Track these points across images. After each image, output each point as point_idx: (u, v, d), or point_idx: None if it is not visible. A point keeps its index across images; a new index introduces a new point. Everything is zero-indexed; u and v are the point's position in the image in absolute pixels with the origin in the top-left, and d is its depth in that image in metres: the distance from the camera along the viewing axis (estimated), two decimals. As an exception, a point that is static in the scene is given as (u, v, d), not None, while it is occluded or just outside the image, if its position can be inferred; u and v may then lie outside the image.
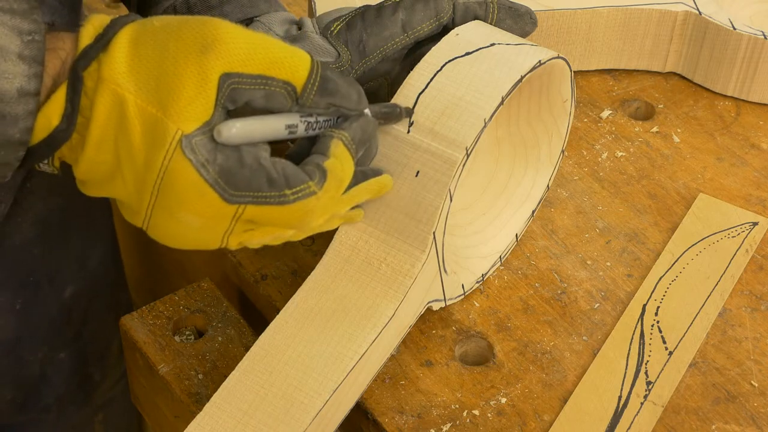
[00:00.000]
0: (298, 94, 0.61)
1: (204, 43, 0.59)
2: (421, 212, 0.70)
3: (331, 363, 0.67)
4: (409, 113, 0.70)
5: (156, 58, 0.59)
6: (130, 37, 0.60)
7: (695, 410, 0.71)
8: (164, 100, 0.59)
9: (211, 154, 0.59)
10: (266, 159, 0.61)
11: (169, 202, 0.60)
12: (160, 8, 0.79)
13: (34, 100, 0.58)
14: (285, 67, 0.60)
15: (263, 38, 0.61)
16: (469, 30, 0.74)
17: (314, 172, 0.62)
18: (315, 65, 0.62)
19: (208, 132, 0.59)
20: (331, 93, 0.62)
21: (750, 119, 0.94)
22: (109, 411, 1.13)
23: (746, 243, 0.82)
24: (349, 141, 0.64)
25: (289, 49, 0.61)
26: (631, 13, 0.94)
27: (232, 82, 0.59)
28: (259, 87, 0.60)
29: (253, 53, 0.60)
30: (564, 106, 0.80)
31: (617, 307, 0.78)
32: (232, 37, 0.60)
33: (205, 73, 0.59)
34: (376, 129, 0.67)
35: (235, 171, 0.60)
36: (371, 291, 0.70)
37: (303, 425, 0.65)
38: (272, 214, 0.62)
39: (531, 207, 0.82)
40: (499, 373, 0.74)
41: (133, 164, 0.60)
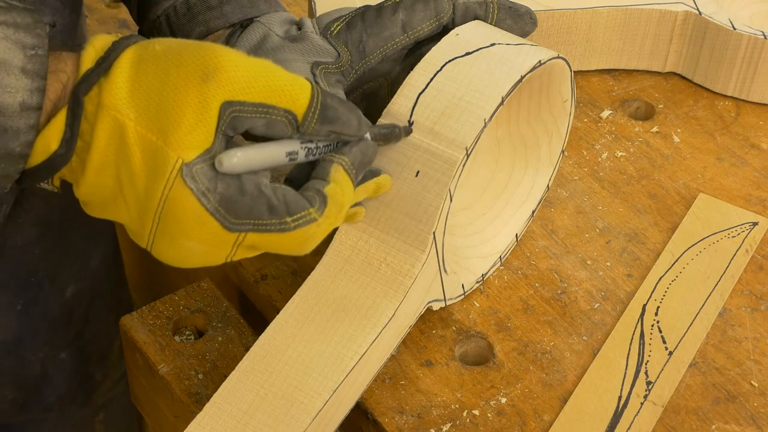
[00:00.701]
0: (299, 122, 0.61)
1: (205, 70, 0.59)
2: (421, 212, 0.70)
3: (331, 363, 0.67)
4: (408, 132, 0.70)
5: (157, 85, 0.59)
6: (132, 62, 0.60)
7: (695, 410, 0.71)
8: (165, 128, 0.59)
9: (211, 182, 0.59)
10: (267, 186, 0.61)
11: (171, 230, 0.60)
12: (159, 8, 0.79)
13: (35, 114, 0.58)
14: (286, 96, 0.60)
15: (264, 66, 0.61)
16: (469, 30, 0.74)
17: (314, 198, 0.62)
18: (315, 93, 0.61)
19: (208, 160, 0.59)
20: (331, 120, 0.62)
21: (750, 119, 0.94)
22: (110, 411, 1.13)
23: (746, 243, 0.82)
24: (349, 166, 0.64)
25: (290, 77, 0.61)
26: (631, 13, 0.94)
27: (233, 110, 0.59)
28: (260, 115, 0.60)
29: (254, 81, 0.60)
30: (564, 106, 0.80)
31: (617, 307, 0.78)
32: (234, 65, 0.60)
33: (206, 102, 0.59)
34: (376, 152, 0.67)
35: (236, 199, 0.59)
36: (371, 291, 0.70)
37: (303, 425, 0.65)
38: (273, 241, 0.62)
39: (531, 207, 0.82)
40: (499, 373, 0.74)
41: (135, 190, 0.60)
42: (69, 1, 0.84)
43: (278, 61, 0.74)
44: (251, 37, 0.76)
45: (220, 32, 0.78)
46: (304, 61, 0.73)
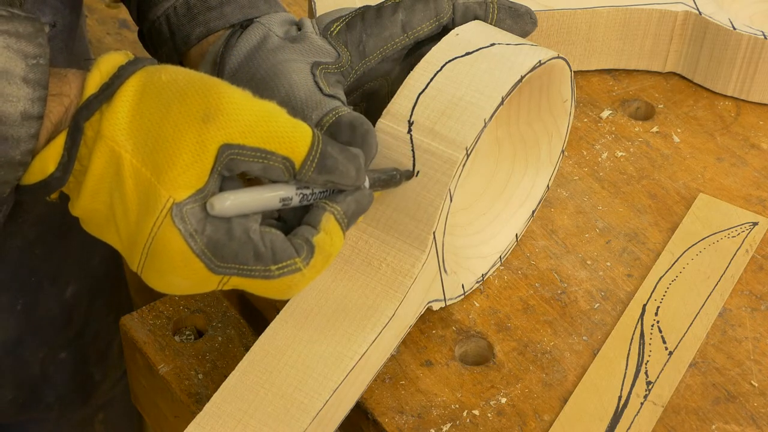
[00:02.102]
0: (296, 169, 0.60)
1: (207, 110, 0.59)
2: (421, 212, 0.70)
3: (331, 363, 0.67)
4: (408, 176, 0.69)
5: (158, 119, 0.59)
6: (135, 91, 0.60)
7: (695, 410, 0.72)
8: (159, 165, 0.58)
9: (200, 224, 0.59)
10: (255, 231, 0.60)
11: (158, 265, 0.60)
12: (159, 9, 0.79)
13: (36, 123, 0.58)
14: (286, 143, 0.60)
15: (267, 109, 0.60)
16: (469, 30, 0.74)
17: (302, 247, 0.62)
18: (316, 141, 0.61)
19: (200, 200, 0.59)
20: (329, 170, 0.62)
21: (750, 119, 0.94)
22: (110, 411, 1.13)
23: (746, 243, 0.82)
24: (342, 215, 0.63)
25: (292, 123, 0.61)
26: (631, 13, 0.94)
27: (231, 153, 0.59)
28: (258, 160, 0.59)
29: (255, 126, 0.59)
30: (564, 106, 0.80)
31: (617, 307, 0.78)
32: (236, 108, 0.59)
33: (204, 143, 0.58)
34: (372, 201, 0.66)
35: (223, 243, 0.59)
36: (371, 291, 0.70)
37: (303, 425, 0.65)
38: (256, 286, 0.62)
39: (531, 207, 0.82)
40: (499, 373, 0.74)
41: (126, 221, 0.60)
42: (69, 1, 0.84)
43: (278, 61, 0.74)
44: (251, 38, 0.76)
45: (220, 33, 0.78)
46: (304, 62, 0.73)
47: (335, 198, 0.63)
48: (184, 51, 0.79)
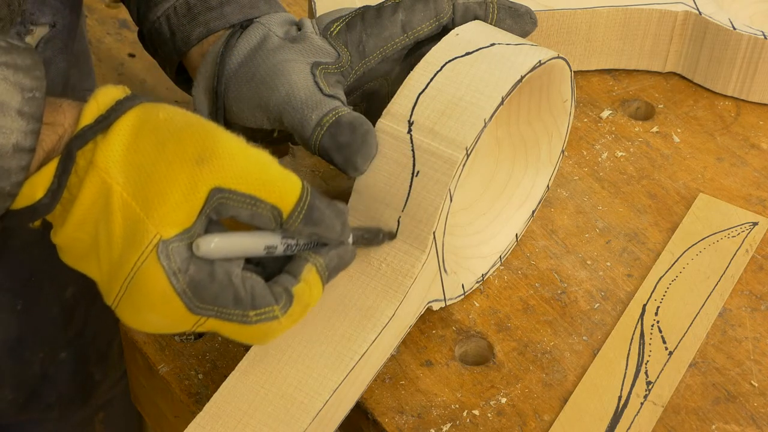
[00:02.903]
0: (283, 218, 0.61)
1: (202, 153, 0.59)
2: (421, 212, 0.70)
3: (331, 363, 0.67)
4: (392, 236, 0.70)
5: (152, 156, 0.59)
6: (132, 126, 0.60)
7: (695, 410, 0.72)
8: (150, 201, 0.59)
9: (184, 263, 0.59)
10: (237, 276, 0.61)
11: (136, 299, 0.60)
12: (159, 9, 0.79)
13: (28, 156, 0.58)
14: (275, 192, 0.60)
15: (260, 158, 0.61)
16: (469, 30, 0.74)
17: (281, 295, 0.62)
18: (305, 193, 0.62)
19: (186, 239, 0.59)
20: (315, 223, 0.62)
21: (750, 119, 0.94)
22: (110, 411, 1.13)
23: (746, 243, 0.82)
24: (323, 268, 0.64)
25: (283, 173, 0.61)
26: (631, 13, 0.94)
27: (221, 197, 0.59)
28: (247, 206, 0.60)
29: (247, 173, 0.60)
30: (564, 106, 0.80)
31: (617, 307, 0.78)
32: (230, 154, 0.60)
33: (196, 185, 0.59)
34: (354, 256, 0.66)
35: (205, 284, 0.59)
36: (371, 291, 0.70)
37: (303, 425, 0.65)
38: (232, 330, 0.62)
39: (531, 207, 0.82)
40: (499, 373, 0.74)
41: (110, 253, 0.60)
42: (69, 2, 0.84)
43: (278, 61, 0.74)
44: (251, 38, 0.76)
45: (220, 33, 0.78)
46: (304, 62, 0.73)
47: (318, 250, 0.64)
48: (184, 51, 0.79)
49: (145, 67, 0.98)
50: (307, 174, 0.88)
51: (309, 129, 0.71)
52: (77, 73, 0.90)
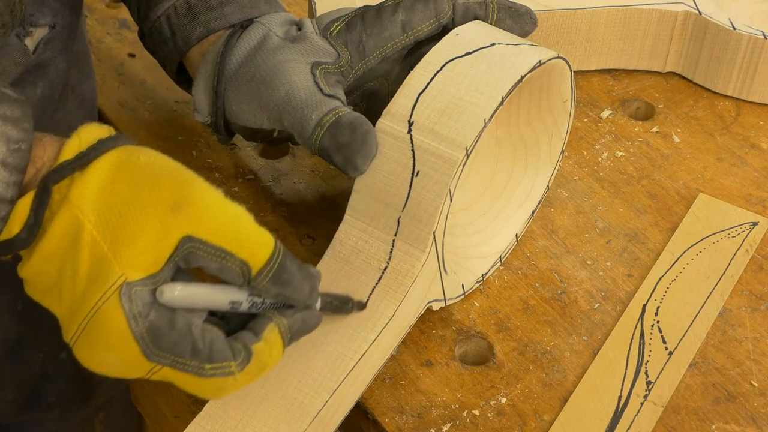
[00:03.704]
0: (252, 275, 0.60)
1: (178, 201, 0.59)
2: (421, 212, 0.70)
3: (331, 363, 0.67)
4: (361, 307, 0.69)
5: (127, 197, 0.59)
6: (111, 166, 0.59)
7: (695, 410, 0.72)
8: (119, 242, 0.58)
9: (146, 308, 0.58)
10: (198, 327, 0.60)
11: (94, 339, 0.60)
12: (160, 8, 0.79)
13: (8, 206, 0.58)
14: (247, 248, 0.60)
15: (236, 212, 0.60)
16: (469, 30, 0.74)
17: (240, 352, 0.61)
18: (276, 253, 0.61)
19: (150, 284, 0.59)
20: (284, 283, 0.61)
21: (750, 119, 0.94)
22: (110, 411, 1.13)
23: (746, 243, 0.82)
24: (286, 330, 0.63)
25: (257, 230, 0.61)
26: (631, 13, 0.94)
27: (191, 246, 0.59)
28: (216, 259, 0.59)
29: (221, 225, 0.59)
30: (564, 106, 0.80)
31: (617, 307, 0.78)
32: (206, 204, 0.59)
33: (168, 231, 0.58)
34: (319, 322, 0.65)
35: (164, 332, 0.59)
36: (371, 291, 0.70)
37: (303, 425, 0.65)
38: (186, 381, 0.61)
39: (531, 207, 0.82)
40: (499, 373, 0.74)
41: (73, 290, 0.59)
42: (69, 3, 0.84)
43: (278, 61, 0.74)
44: (251, 38, 0.76)
45: (220, 32, 0.78)
46: (304, 62, 0.73)
47: (284, 311, 0.63)
48: (185, 51, 0.79)
49: (145, 67, 0.98)
50: (307, 174, 0.88)
51: (309, 129, 0.71)
52: (77, 74, 0.90)
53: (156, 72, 0.96)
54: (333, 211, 0.84)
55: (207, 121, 0.79)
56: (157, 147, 0.90)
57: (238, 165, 0.88)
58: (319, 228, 0.83)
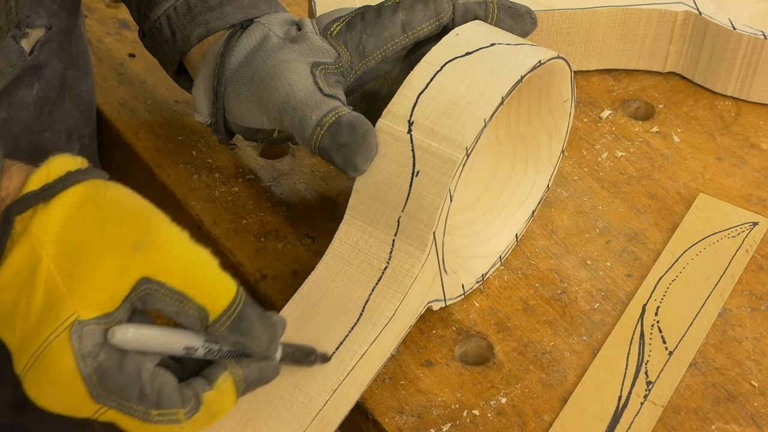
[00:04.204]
0: (209, 322, 0.59)
1: (140, 240, 0.57)
2: (421, 212, 0.70)
3: (331, 363, 0.67)
4: (325, 359, 0.67)
5: (89, 233, 0.57)
6: (76, 200, 0.58)
7: (695, 410, 0.72)
8: (75, 279, 0.57)
9: (95, 348, 0.57)
10: (148, 371, 0.58)
11: (42, 375, 0.59)
12: (160, 9, 0.79)
13: None
14: (206, 293, 0.58)
15: (199, 256, 0.59)
16: (469, 30, 0.74)
17: (190, 399, 0.59)
18: (237, 300, 0.59)
19: (103, 324, 0.57)
20: (242, 332, 0.60)
21: (750, 119, 0.94)
22: (110, 411, 1.13)
23: (746, 243, 0.82)
24: (240, 380, 0.61)
25: (220, 276, 0.59)
26: (631, 13, 0.94)
27: (149, 288, 0.57)
28: (174, 302, 0.58)
29: (181, 268, 0.58)
30: (564, 106, 0.80)
31: (617, 307, 0.78)
32: (169, 246, 0.58)
33: (126, 270, 0.57)
34: (277, 373, 0.63)
35: (112, 374, 0.57)
36: (371, 291, 0.70)
37: (303, 425, 0.65)
38: (132, 425, 0.60)
39: (531, 207, 0.82)
40: (499, 373, 0.74)
41: (25, 323, 0.58)
42: (66, 4, 0.84)
43: (278, 61, 0.74)
44: (251, 38, 0.76)
45: (220, 33, 0.78)
46: (304, 62, 0.73)
47: (240, 360, 0.61)
48: (185, 51, 0.79)
49: (145, 67, 0.97)
50: (307, 174, 0.88)
51: (309, 129, 0.71)
52: (74, 74, 0.90)
53: (156, 72, 0.96)
54: (333, 211, 0.84)
55: (207, 121, 0.79)
56: (157, 147, 0.90)
57: (238, 165, 0.88)
58: (319, 228, 0.83)
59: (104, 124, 0.94)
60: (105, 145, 0.97)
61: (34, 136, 0.87)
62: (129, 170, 0.94)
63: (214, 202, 0.85)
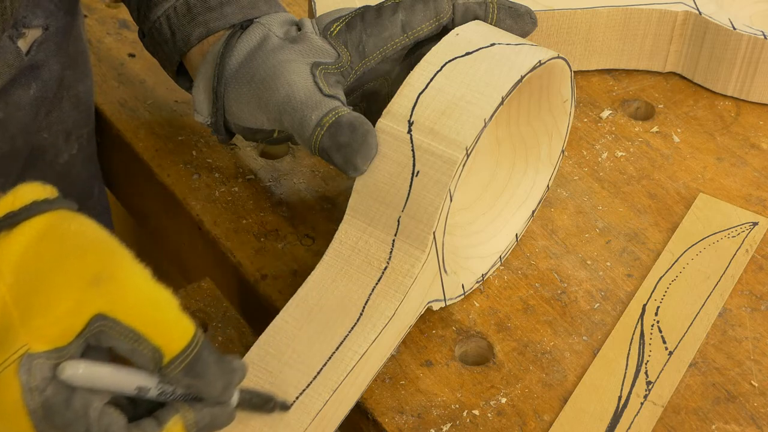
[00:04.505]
0: (163, 363, 0.57)
1: (99, 275, 0.56)
2: (421, 212, 0.70)
3: (331, 363, 0.67)
4: (285, 407, 0.65)
5: (49, 264, 0.57)
6: (39, 230, 0.57)
7: (695, 410, 0.72)
8: (30, 310, 0.56)
9: (44, 382, 0.56)
10: (96, 409, 0.57)
11: None
12: (160, 9, 0.79)
13: None
14: (162, 334, 0.57)
15: (159, 295, 0.58)
16: (469, 30, 0.74)
17: None
18: (194, 342, 0.58)
19: (54, 358, 0.56)
20: (197, 375, 0.58)
21: (750, 119, 0.94)
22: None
23: (746, 243, 0.82)
24: (191, 424, 0.59)
25: (177, 317, 0.58)
26: (631, 13, 0.94)
27: (104, 325, 0.56)
28: (128, 341, 0.57)
29: (139, 307, 0.57)
30: (564, 106, 0.80)
31: (617, 307, 0.78)
32: (128, 283, 0.57)
33: (82, 305, 0.56)
34: (232, 419, 0.62)
35: (58, 410, 0.56)
36: (371, 291, 0.70)
37: (303, 425, 0.65)
38: None
39: (531, 207, 0.82)
40: (499, 373, 0.74)
41: None
42: (64, 5, 0.84)
43: (278, 62, 0.74)
44: (251, 38, 0.76)
45: (220, 33, 0.78)
46: (304, 62, 0.73)
47: (194, 404, 0.60)
48: (185, 51, 0.79)
49: (145, 67, 0.97)
50: (307, 174, 0.88)
51: (309, 129, 0.71)
52: (72, 75, 0.90)
53: (156, 72, 0.96)
54: (333, 211, 0.84)
55: (207, 121, 0.79)
56: (157, 147, 0.90)
57: (238, 165, 0.88)
58: (319, 228, 0.83)
59: (104, 124, 0.94)
60: (105, 145, 0.97)
61: (31, 137, 0.87)
62: (129, 170, 0.94)
63: (214, 202, 0.85)
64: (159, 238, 0.96)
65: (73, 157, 0.93)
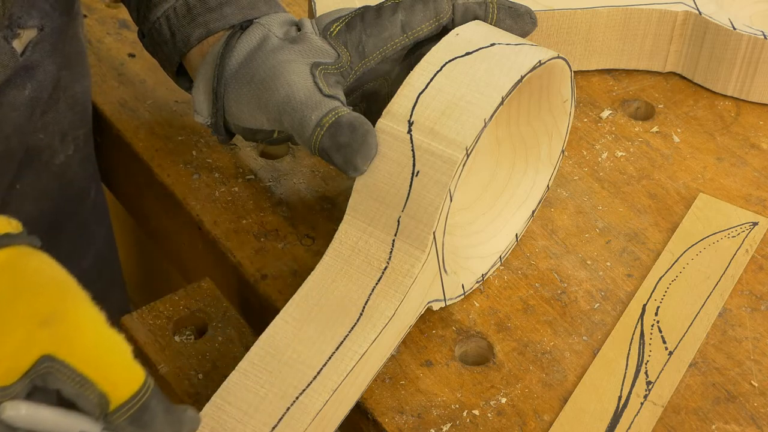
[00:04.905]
0: (109, 410, 0.56)
1: (50, 316, 0.55)
2: (421, 212, 0.70)
3: (331, 363, 0.67)
4: None
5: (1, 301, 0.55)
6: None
7: (695, 410, 0.72)
8: None
9: None
10: None
11: None
12: (159, 9, 0.79)
13: None
14: (109, 380, 0.56)
15: (111, 341, 0.57)
16: (469, 30, 0.74)
17: None
18: (142, 391, 0.56)
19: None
20: (143, 425, 0.57)
21: (750, 119, 0.94)
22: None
23: (746, 243, 0.82)
24: None
25: (129, 364, 0.57)
26: (631, 13, 0.94)
27: (50, 366, 0.55)
28: (74, 384, 0.55)
29: (87, 351, 0.56)
30: (564, 106, 0.80)
31: (617, 307, 0.78)
32: (79, 325, 0.56)
33: (30, 345, 0.55)
34: None
35: None
36: (371, 291, 0.70)
37: (303, 425, 0.65)
38: None
39: (531, 207, 0.82)
40: (499, 373, 0.74)
41: None
42: (60, 5, 0.84)
43: (278, 62, 0.74)
44: (251, 39, 0.76)
45: (220, 34, 0.78)
46: (304, 63, 0.73)
47: None
48: (184, 52, 0.79)
49: (145, 67, 0.97)
50: (307, 174, 0.88)
51: (308, 129, 0.71)
52: (69, 75, 0.89)
53: (156, 72, 0.96)
54: (333, 211, 0.84)
55: (207, 121, 0.79)
56: (157, 147, 0.90)
57: (238, 165, 0.88)
58: (319, 228, 0.83)
59: (104, 124, 0.94)
60: (105, 145, 0.97)
61: (26, 137, 0.87)
62: (129, 170, 0.94)
63: (214, 202, 0.85)
64: (159, 238, 0.96)
65: (70, 158, 0.93)
